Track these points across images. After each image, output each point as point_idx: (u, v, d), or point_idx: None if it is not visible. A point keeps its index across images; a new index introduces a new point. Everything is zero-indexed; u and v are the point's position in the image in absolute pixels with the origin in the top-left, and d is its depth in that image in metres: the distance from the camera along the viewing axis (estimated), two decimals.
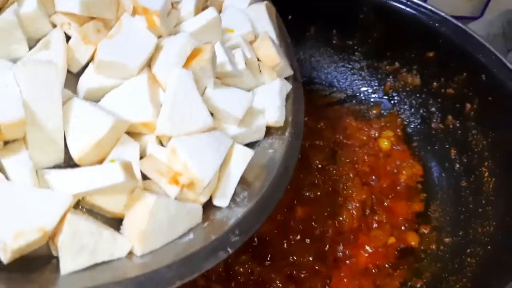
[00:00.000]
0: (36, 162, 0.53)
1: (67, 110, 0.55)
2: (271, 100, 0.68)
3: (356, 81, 1.13)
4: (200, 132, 0.59)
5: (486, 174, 0.88)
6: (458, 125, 0.96)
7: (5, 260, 0.47)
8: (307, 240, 0.87)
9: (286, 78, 0.74)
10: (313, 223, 0.88)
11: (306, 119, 1.02)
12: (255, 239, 0.85)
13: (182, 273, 0.51)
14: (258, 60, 0.72)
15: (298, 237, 0.87)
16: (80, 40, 0.58)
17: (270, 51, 0.71)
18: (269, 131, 0.69)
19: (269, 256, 0.84)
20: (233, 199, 0.60)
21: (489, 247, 0.80)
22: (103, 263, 0.52)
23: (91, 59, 0.60)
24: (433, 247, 0.89)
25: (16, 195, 0.49)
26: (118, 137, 0.56)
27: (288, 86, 0.72)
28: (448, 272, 0.82)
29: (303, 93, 0.76)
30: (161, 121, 0.58)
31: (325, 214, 0.90)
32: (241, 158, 0.61)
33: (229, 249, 0.54)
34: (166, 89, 0.59)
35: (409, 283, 0.84)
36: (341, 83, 1.13)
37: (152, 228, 0.53)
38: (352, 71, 1.12)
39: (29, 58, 0.56)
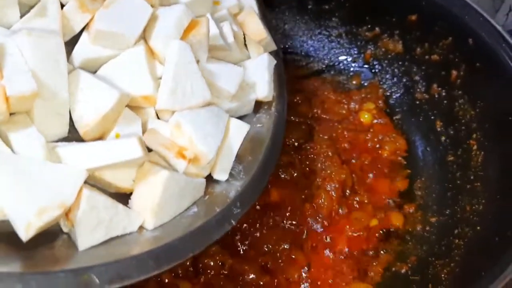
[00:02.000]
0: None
1: (72, 83, 0.55)
2: (260, 75, 0.69)
3: (334, 50, 1.07)
4: (200, 107, 0.60)
5: (475, 147, 0.84)
6: (444, 94, 0.92)
7: (25, 238, 0.47)
8: (283, 227, 0.81)
9: (270, 53, 0.74)
10: (289, 207, 0.83)
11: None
12: None
13: (194, 245, 0.54)
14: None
15: (273, 223, 0.81)
16: (77, 8, 0.58)
17: (257, 25, 0.72)
18: (256, 105, 0.70)
19: (241, 246, 0.79)
20: (229, 173, 0.63)
21: (478, 227, 0.76)
22: (116, 237, 0.53)
23: (84, 28, 0.59)
24: (418, 228, 0.84)
25: (31, 170, 0.48)
26: (121, 110, 0.57)
27: (274, 61, 0.73)
28: (434, 256, 0.78)
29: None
30: (163, 95, 0.58)
31: (302, 196, 0.85)
32: (238, 132, 0.63)
33: (232, 221, 0.57)
34: (166, 61, 0.59)
35: (393, 268, 0.80)
36: (318, 53, 1.07)
37: (164, 202, 0.55)
38: (329, 39, 1.07)
39: (32, 27, 0.54)
